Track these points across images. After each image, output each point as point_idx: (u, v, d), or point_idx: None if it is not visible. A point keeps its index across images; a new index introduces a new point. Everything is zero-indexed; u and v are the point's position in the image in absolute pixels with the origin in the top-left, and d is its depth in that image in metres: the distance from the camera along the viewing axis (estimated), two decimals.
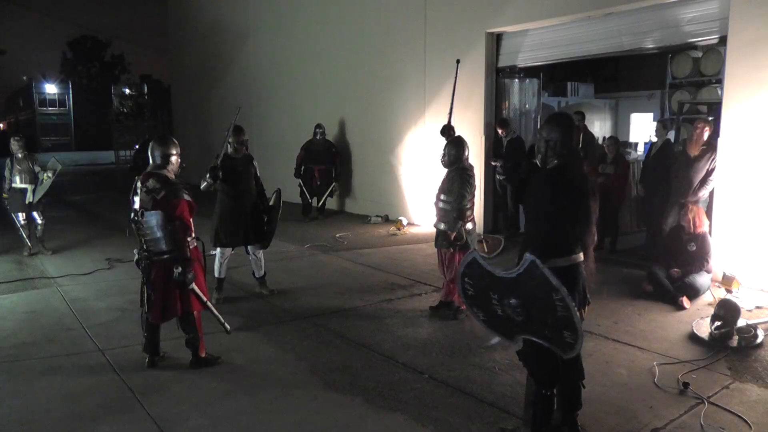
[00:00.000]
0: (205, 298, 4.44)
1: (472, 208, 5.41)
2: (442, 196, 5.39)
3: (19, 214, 8.31)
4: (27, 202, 8.31)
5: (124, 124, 22.90)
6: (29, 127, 52.14)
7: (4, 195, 8.26)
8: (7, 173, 8.23)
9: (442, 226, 5.39)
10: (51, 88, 54.72)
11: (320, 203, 11.27)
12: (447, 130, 5.76)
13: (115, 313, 5.78)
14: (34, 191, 8.34)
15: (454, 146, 5.44)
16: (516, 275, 2.88)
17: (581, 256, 3.16)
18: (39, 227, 8.50)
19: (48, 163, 8.68)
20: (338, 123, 12.06)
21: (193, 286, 4.29)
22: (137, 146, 19.92)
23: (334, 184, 11.41)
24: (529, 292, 2.91)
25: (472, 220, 5.45)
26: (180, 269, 4.15)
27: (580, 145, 3.21)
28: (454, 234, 5.27)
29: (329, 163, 11.32)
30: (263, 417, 3.70)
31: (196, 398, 3.95)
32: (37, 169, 8.40)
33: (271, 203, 6.21)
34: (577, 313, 2.82)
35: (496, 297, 3.03)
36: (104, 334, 5.17)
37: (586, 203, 3.13)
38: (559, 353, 2.97)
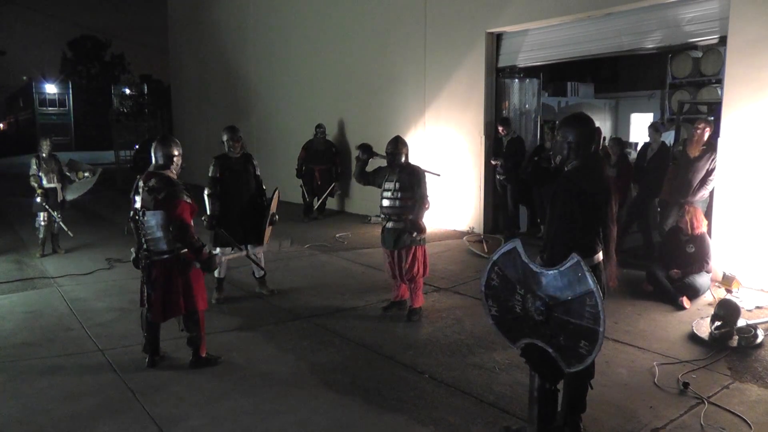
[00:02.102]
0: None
1: None
2: (400, 194, 5.33)
3: (40, 214, 8.29)
4: (59, 200, 8.41)
5: (124, 124, 22.85)
6: (29, 127, 52.13)
7: (39, 191, 8.22)
8: (33, 170, 8.24)
9: (402, 224, 5.35)
10: (51, 88, 54.67)
11: (319, 202, 11.26)
12: (368, 149, 5.74)
13: (115, 313, 5.78)
14: (63, 189, 8.47)
15: (399, 144, 5.50)
16: (555, 273, 2.85)
17: (600, 256, 3.18)
18: (56, 225, 8.50)
19: (66, 162, 8.76)
20: (338, 123, 12.06)
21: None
22: (137, 146, 19.97)
23: (334, 184, 11.43)
24: (560, 293, 2.85)
25: None
26: (198, 265, 4.27)
27: (600, 147, 3.19)
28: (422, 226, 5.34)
29: (330, 162, 11.34)
30: (263, 417, 3.70)
31: (196, 398, 3.95)
32: (65, 169, 8.49)
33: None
34: (605, 327, 2.75)
35: (522, 292, 3.00)
36: (104, 334, 5.17)
37: (605, 204, 3.14)
38: (562, 365, 2.93)
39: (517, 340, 3.14)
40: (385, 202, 5.45)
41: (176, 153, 4.40)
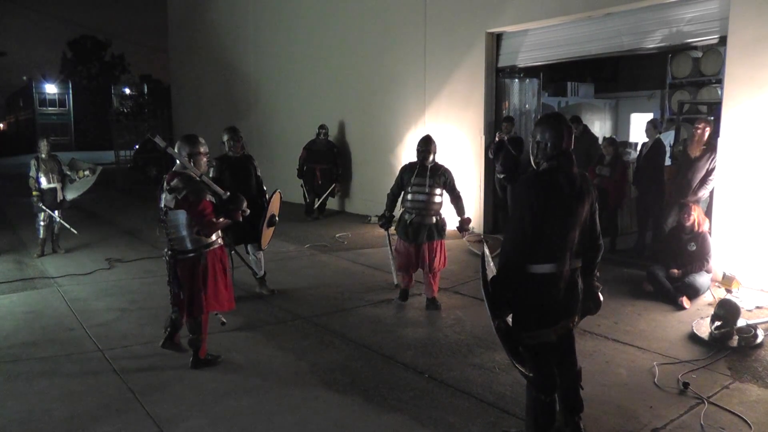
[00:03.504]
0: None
1: None
2: (430, 190, 5.59)
3: (40, 215, 8.27)
4: (59, 200, 8.42)
5: (124, 124, 22.83)
6: (29, 127, 52.14)
7: (35, 193, 8.25)
8: (33, 173, 8.24)
9: (433, 219, 5.66)
10: (51, 88, 54.71)
11: (319, 202, 11.28)
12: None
13: (115, 313, 5.78)
14: (63, 189, 8.47)
15: (430, 143, 5.66)
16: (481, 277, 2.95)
17: (569, 263, 3.00)
18: (56, 225, 8.50)
19: (68, 161, 8.77)
20: (338, 123, 12.06)
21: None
22: (137, 146, 19.96)
23: (334, 184, 11.44)
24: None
25: None
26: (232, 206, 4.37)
27: (572, 147, 3.10)
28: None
29: (331, 162, 11.34)
30: (263, 417, 3.70)
31: (196, 398, 3.95)
32: (65, 169, 8.50)
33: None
34: (498, 324, 2.85)
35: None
36: (104, 334, 5.17)
37: (573, 207, 2.97)
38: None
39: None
40: (414, 197, 5.64)
41: (200, 151, 4.36)
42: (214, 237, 4.39)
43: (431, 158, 5.67)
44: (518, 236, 2.97)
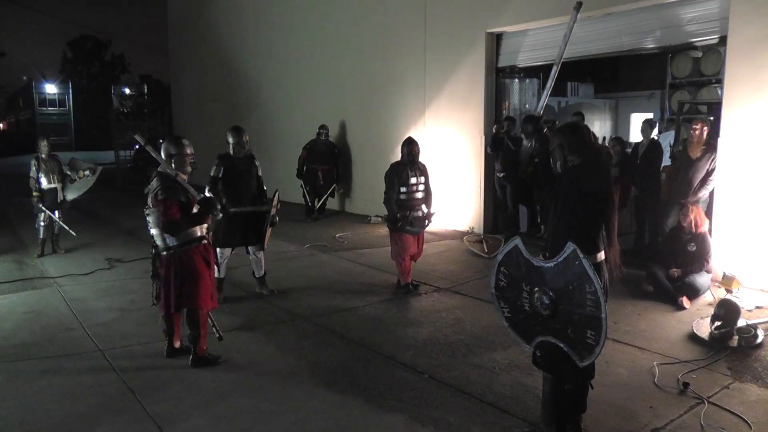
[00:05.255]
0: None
1: None
2: (422, 187, 6.22)
3: (41, 215, 8.27)
4: (59, 200, 8.43)
5: (124, 124, 22.85)
6: (29, 127, 52.14)
7: (35, 194, 8.26)
8: (33, 173, 8.25)
9: (420, 213, 6.23)
10: (51, 88, 54.71)
11: (320, 203, 11.28)
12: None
13: (115, 313, 5.78)
14: (63, 189, 8.49)
15: (418, 145, 6.34)
16: (554, 265, 2.94)
17: (602, 255, 3.23)
18: (56, 225, 8.50)
19: (68, 161, 8.79)
20: (338, 123, 12.06)
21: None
22: (137, 146, 19.97)
23: (335, 185, 11.43)
24: (562, 285, 2.93)
25: None
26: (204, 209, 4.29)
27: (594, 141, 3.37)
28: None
29: (332, 163, 11.33)
30: (263, 417, 3.70)
31: (196, 398, 3.95)
32: (66, 169, 8.50)
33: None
34: (606, 312, 2.82)
35: (528, 289, 3.06)
36: (104, 334, 5.17)
37: (607, 199, 3.23)
38: (576, 359, 2.97)
39: (531, 340, 3.17)
40: (415, 195, 6.19)
41: (173, 152, 4.38)
42: (198, 234, 4.38)
43: (419, 158, 6.30)
44: (566, 229, 3.11)
